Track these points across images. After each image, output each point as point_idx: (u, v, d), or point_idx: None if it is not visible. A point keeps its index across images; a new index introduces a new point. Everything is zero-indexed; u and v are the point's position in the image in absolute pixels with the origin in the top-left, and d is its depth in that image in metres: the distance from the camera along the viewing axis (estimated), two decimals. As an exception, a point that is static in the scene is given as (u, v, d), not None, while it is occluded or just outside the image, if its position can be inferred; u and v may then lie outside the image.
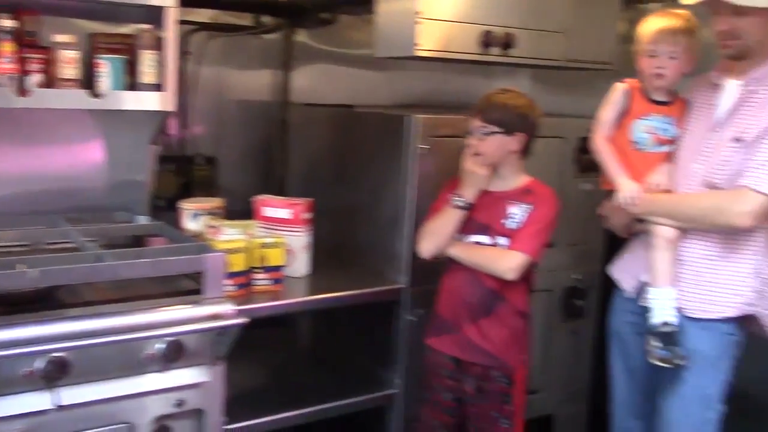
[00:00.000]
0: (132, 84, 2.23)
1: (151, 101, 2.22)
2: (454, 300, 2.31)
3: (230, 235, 2.26)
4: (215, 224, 2.31)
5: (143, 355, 1.93)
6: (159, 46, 2.22)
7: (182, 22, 2.41)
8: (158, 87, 2.22)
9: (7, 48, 2.03)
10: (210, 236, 2.27)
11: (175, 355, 1.96)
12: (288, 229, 2.43)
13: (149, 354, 1.93)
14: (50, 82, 2.12)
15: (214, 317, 2.01)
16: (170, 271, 2.08)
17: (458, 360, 2.30)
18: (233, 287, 2.20)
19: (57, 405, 1.82)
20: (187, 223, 2.43)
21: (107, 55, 2.21)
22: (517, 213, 2.24)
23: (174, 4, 2.18)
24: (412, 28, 2.43)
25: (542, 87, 3.19)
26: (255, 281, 2.29)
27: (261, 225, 2.42)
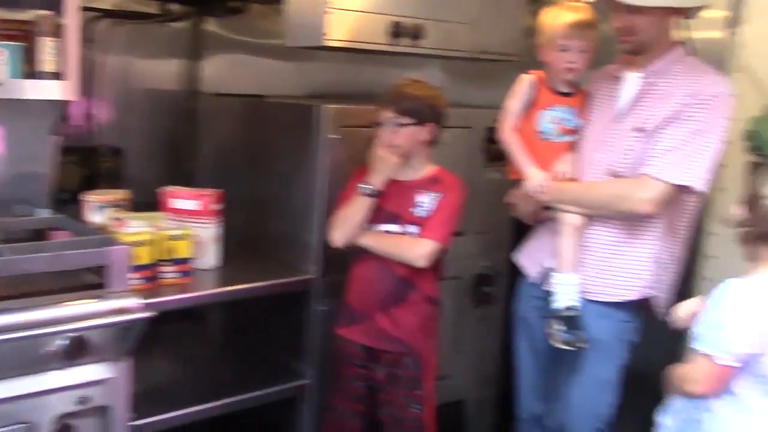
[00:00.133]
0: (31, 72, 2.14)
1: (52, 90, 2.13)
2: (365, 289, 2.32)
3: (136, 228, 2.21)
4: (120, 216, 2.26)
5: (44, 352, 1.86)
6: (59, 34, 2.13)
7: (85, 9, 2.33)
8: (59, 75, 2.14)
9: None
10: (114, 229, 2.22)
11: (78, 352, 1.90)
12: (197, 221, 2.39)
13: (50, 351, 1.86)
14: (-57, 70, 2.02)
15: (119, 311, 1.96)
16: (72, 265, 2.01)
17: (369, 348, 2.33)
18: (139, 281, 2.16)
19: (-49, 406, 1.74)
20: (91, 216, 2.36)
21: (5, 42, 2.11)
22: (426, 201, 2.27)
23: (75, -9, 2.11)
24: (322, 18, 2.43)
25: (452, 78, 3.23)
26: (162, 274, 2.25)
27: (169, 217, 2.38)
